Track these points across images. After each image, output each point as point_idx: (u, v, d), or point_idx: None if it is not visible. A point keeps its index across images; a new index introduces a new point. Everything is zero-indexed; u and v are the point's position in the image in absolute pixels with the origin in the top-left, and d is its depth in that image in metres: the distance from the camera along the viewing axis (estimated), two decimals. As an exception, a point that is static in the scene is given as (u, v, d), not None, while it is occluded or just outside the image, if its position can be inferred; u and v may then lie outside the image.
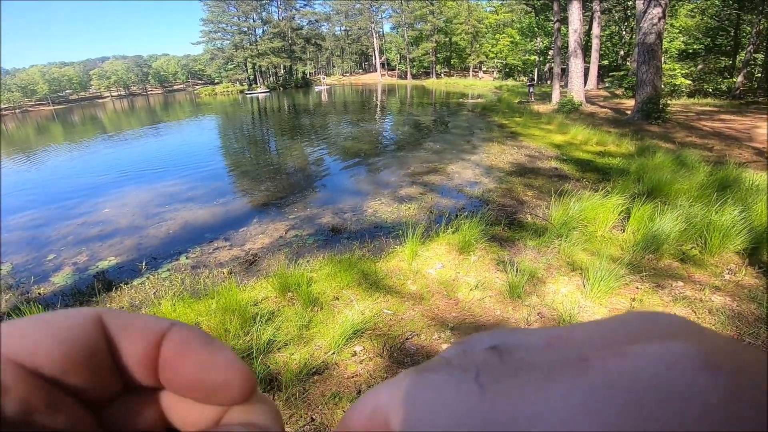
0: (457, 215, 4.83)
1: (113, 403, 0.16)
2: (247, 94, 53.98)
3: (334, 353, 2.35)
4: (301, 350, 2.38)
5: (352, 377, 2.20)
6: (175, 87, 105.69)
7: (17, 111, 75.94)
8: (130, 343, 0.15)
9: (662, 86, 12.93)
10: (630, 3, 24.46)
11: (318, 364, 2.26)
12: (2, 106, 78.05)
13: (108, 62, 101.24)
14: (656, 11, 11.21)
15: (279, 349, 2.41)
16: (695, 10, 21.71)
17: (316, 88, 53.69)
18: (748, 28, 20.05)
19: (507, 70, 47.47)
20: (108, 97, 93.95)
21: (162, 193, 7.49)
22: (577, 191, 5.40)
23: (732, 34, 20.80)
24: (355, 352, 2.39)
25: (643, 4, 11.67)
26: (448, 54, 64.68)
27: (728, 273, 3.50)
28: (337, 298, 2.97)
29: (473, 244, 3.74)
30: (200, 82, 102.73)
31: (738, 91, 18.76)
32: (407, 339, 2.53)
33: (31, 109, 79.14)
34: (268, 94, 52.41)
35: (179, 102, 52.57)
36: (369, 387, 2.13)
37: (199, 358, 0.15)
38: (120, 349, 0.15)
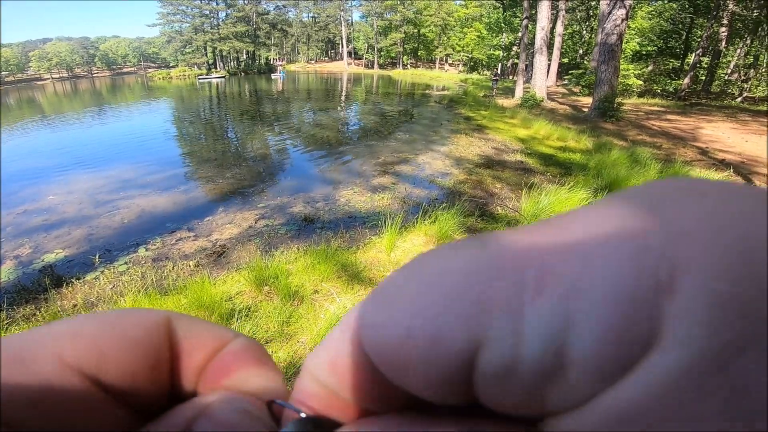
0: (431, 206, 4.84)
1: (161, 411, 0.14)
2: (200, 79, 49.35)
3: (317, 348, 2.26)
4: (285, 348, 2.27)
5: (337, 372, 2.13)
6: (125, 70, 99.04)
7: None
8: (192, 351, 0.14)
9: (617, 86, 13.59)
10: (593, 3, 25.37)
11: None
12: None
13: (50, 43, 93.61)
14: (620, 13, 11.58)
15: (258, 345, 2.29)
16: (653, 12, 22.74)
17: (273, 75, 51.56)
18: (699, 32, 21.36)
19: (472, 63, 48.29)
20: (48, 79, 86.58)
21: (113, 180, 6.93)
22: (543, 184, 5.58)
23: (684, 37, 22.02)
24: (338, 346, 2.31)
25: (608, 5, 11.99)
26: (416, 45, 64.68)
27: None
28: (317, 291, 2.87)
29: (450, 236, 3.76)
30: (153, 65, 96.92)
31: (683, 93, 20.08)
32: (390, 331, 2.48)
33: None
34: (223, 79, 49.11)
35: (129, 85, 49.01)
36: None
37: (245, 371, 0.15)
38: (181, 357, 0.14)
